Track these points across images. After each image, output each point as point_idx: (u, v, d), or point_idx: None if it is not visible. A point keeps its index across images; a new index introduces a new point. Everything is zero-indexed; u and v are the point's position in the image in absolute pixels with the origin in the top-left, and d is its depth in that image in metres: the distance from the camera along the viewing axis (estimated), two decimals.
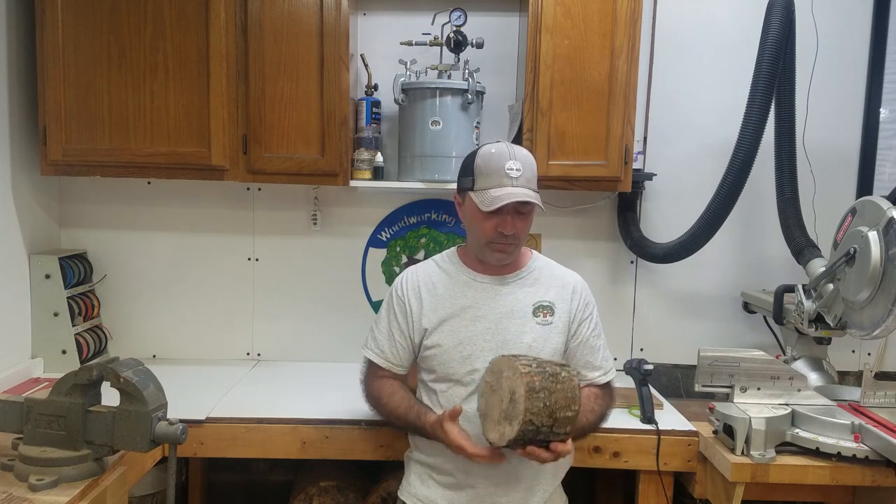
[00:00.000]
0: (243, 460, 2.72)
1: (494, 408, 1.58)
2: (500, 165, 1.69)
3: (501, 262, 1.79)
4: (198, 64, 2.32)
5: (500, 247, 1.74)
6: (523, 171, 1.69)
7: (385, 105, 2.60)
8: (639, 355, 2.74)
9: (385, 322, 1.86)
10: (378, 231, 2.76)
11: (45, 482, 1.43)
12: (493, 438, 1.57)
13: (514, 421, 1.51)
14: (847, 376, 2.70)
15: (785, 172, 2.42)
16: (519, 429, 1.49)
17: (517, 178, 1.68)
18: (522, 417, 1.49)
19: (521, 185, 1.68)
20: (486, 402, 1.62)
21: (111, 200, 2.71)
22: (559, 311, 1.80)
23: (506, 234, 1.71)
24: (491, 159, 1.71)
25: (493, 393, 1.60)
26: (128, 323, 2.74)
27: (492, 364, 1.64)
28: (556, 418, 1.52)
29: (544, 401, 1.50)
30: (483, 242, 1.76)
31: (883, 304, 1.89)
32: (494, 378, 1.61)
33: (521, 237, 1.75)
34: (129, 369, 1.50)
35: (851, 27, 2.66)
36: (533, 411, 1.49)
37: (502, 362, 1.60)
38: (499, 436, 1.55)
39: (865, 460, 1.88)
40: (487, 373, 1.64)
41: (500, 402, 1.56)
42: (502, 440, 1.53)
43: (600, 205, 2.73)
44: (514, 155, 1.71)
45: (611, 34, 2.33)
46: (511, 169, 1.68)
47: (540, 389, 1.50)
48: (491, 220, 1.71)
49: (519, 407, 1.50)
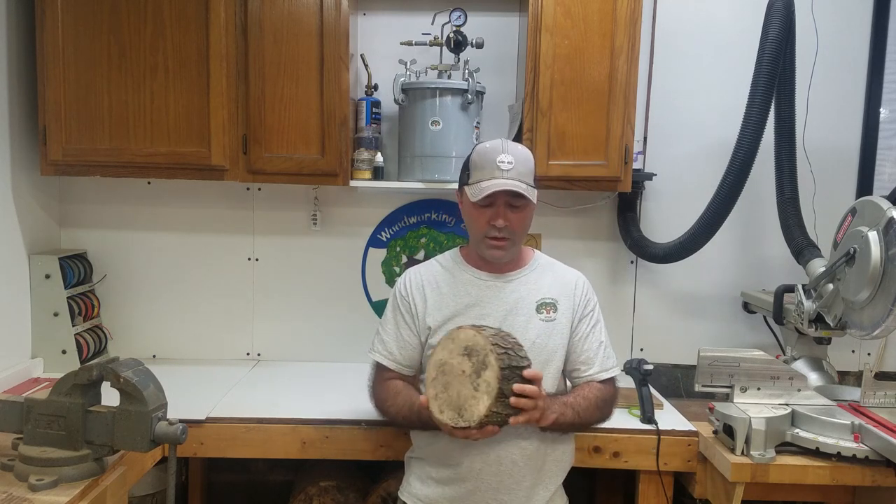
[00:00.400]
0: (243, 460, 2.73)
1: (461, 387, 1.56)
2: (492, 158, 1.71)
3: (497, 259, 1.79)
4: (198, 64, 2.32)
5: (495, 242, 1.75)
6: (515, 165, 1.71)
7: (385, 105, 2.60)
8: (639, 355, 2.74)
9: (392, 323, 1.86)
10: (378, 231, 2.76)
11: (45, 482, 1.43)
12: (484, 404, 1.53)
13: (486, 359, 1.53)
14: (847, 376, 2.70)
15: (785, 172, 2.42)
16: (495, 357, 1.51)
17: (508, 170, 1.70)
18: (488, 345, 1.52)
19: (511, 177, 1.70)
20: (450, 399, 1.58)
21: (111, 200, 2.71)
22: (562, 308, 1.80)
23: (498, 227, 1.72)
24: (485, 153, 1.74)
25: (449, 385, 1.58)
26: (128, 323, 2.75)
27: (428, 372, 1.63)
28: (510, 345, 1.56)
29: (490, 337, 1.55)
30: (479, 237, 1.77)
31: (883, 304, 1.89)
32: (439, 376, 1.60)
33: (516, 232, 1.76)
34: (129, 369, 1.50)
35: (851, 27, 2.66)
36: (493, 343, 1.53)
37: (433, 359, 1.62)
38: (486, 394, 1.52)
39: (865, 460, 1.88)
40: (430, 384, 1.62)
41: (461, 374, 1.56)
42: (491, 388, 1.52)
43: (600, 205, 2.73)
44: (507, 149, 1.73)
45: (611, 34, 2.33)
46: (502, 162, 1.70)
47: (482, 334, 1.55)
48: (483, 213, 1.73)
49: (478, 341, 1.54)
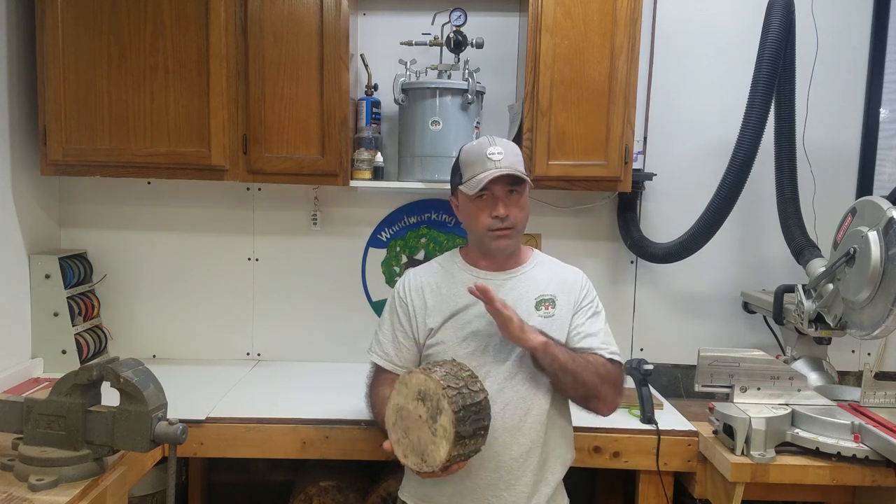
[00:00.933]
0: (243, 460, 2.73)
1: (420, 431, 1.53)
2: (482, 153, 1.73)
3: (504, 250, 1.79)
4: (198, 64, 2.32)
5: (499, 233, 1.75)
6: (506, 155, 1.72)
7: (385, 105, 2.60)
8: (639, 355, 2.74)
9: (388, 325, 1.86)
10: (378, 231, 2.76)
11: (45, 482, 1.43)
12: (443, 450, 1.49)
13: (440, 403, 1.49)
14: (847, 376, 2.70)
15: (785, 172, 2.42)
16: (448, 402, 1.48)
17: (500, 160, 1.71)
18: (440, 390, 1.49)
19: (505, 166, 1.71)
20: (412, 445, 1.56)
21: (111, 200, 2.71)
22: (561, 304, 1.80)
23: (501, 218, 1.73)
24: (473, 150, 1.76)
25: (408, 431, 1.56)
26: (128, 323, 2.75)
27: (388, 416, 1.61)
28: (463, 382, 1.53)
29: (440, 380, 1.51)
30: (482, 233, 1.77)
31: (883, 304, 1.89)
32: (398, 421, 1.58)
33: (517, 221, 1.76)
34: (129, 369, 1.50)
35: (851, 27, 2.66)
36: (444, 385, 1.50)
37: (389, 404, 1.60)
38: (445, 439, 1.49)
39: (865, 460, 1.88)
40: (391, 428, 1.60)
41: (418, 419, 1.54)
42: (448, 433, 1.48)
43: (600, 205, 2.73)
44: (494, 142, 1.75)
45: (611, 34, 2.33)
46: (493, 154, 1.72)
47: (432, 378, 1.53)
48: (484, 206, 1.74)
49: (430, 385, 1.51)
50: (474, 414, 1.52)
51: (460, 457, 1.53)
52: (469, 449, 1.54)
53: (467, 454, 1.55)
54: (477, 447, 1.56)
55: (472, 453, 1.56)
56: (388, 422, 1.61)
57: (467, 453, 1.54)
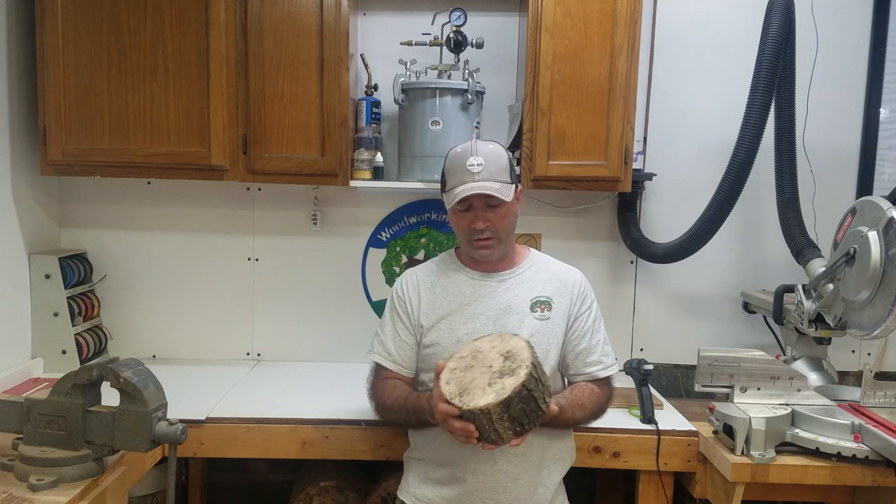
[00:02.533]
0: (243, 460, 2.72)
1: (479, 377, 1.54)
2: (461, 163, 1.73)
3: (487, 258, 1.80)
4: (198, 64, 2.32)
5: (481, 243, 1.76)
6: (486, 166, 1.71)
7: (385, 105, 2.60)
8: (639, 355, 2.75)
9: (389, 324, 1.86)
10: (378, 231, 2.76)
11: (45, 482, 1.43)
12: (487, 400, 1.48)
13: (517, 370, 1.50)
14: (847, 376, 2.69)
15: (785, 172, 2.42)
16: (526, 373, 1.48)
17: (478, 172, 1.70)
18: (529, 362, 1.50)
19: (482, 178, 1.70)
20: (462, 379, 1.55)
21: (111, 200, 2.71)
22: (557, 306, 1.80)
23: (479, 230, 1.73)
24: (455, 158, 1.76)
25: (470, 369, 1.57)
26: (128, 323, 2.75)
27: (462, 349, 1.63)
28: (544, 382, 1.54)
29: (534, 360, 1.53)
30: (465, 240, 1.79)
31: (883, 304, 1.89)
32: (468, 357, 1.59)
33: (498, 231, 1.76)
34: (129, 369, 1.50)
35: (851, 27, 2.66)
36: (534, 364, 1.51)
37: (475, 343, 1.63)
38: (496, 394, 1.48)
39: (865, 460, 1.88)
40: (456, 357, 1.61)
41: (486, 368, 1.55)
42: (504, 392, 1.47)
43: (600, 205, 2.73)
44: (476, 151, 1.73)
45: (610, 34, 2.33)
46: (472, 165, 1.71)
47: (531, 352, 1.55)
48: (464, 217, 1.75)
49: (523, 354, 1.52)
50: (530, 406, 1.51)
51: (484, 417, 1.48)
52: (498, 426, 1.49)
53: (492, 430, 1.50)
54: (501, 434, 1.51)
55: (495, 436, 1.51)
56: (458, 352, 1.61)
57: (494, 428, 1.50)
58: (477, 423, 1.50)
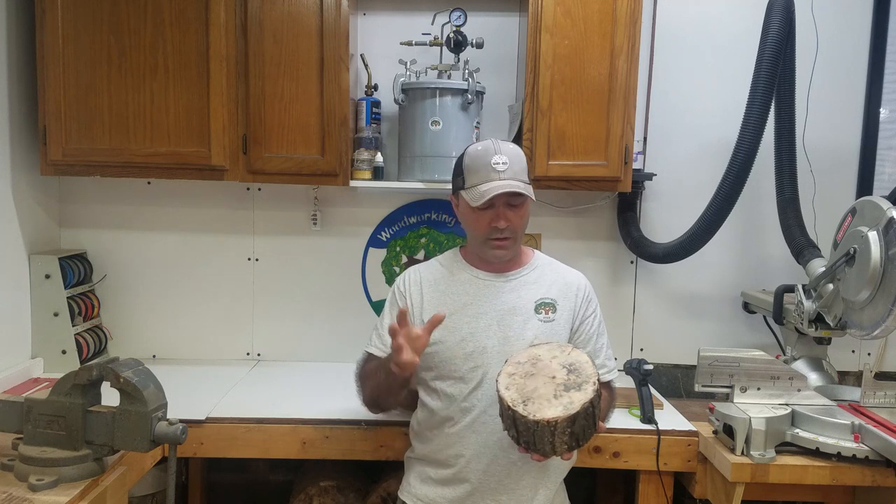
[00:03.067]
0: (243, 460, 2.72)
1: (542, 387, 1.52)
2: (486, 161, 1.71)
3: (501, 258, 1.79)
4: (198, 64, 2.32)
5: (498, 243, 1.75)
6: (510, 164, 1.70)
7: (385, 105, 2.60)
8: (639, 355, 2.75)
9: (389, 318, 1.85)
10: (378, 231, 2.76)
11: (45, 482, 1.43)
12: (555, 413, 1.47)
13: (584, 385, 1.50)
14: (847, 376, 2.69)
15: (785, 172, 2.42)
16: (593, 390, 1.49)
17: (504, 171, 1.69)
18: (594, 379, 1.51)
19: (508, 177, 1.69)
20: (524, 387, 1.54)
21: (111, 200, 2.71)
22: (561, 309, 1.80)
23: (500, 228, 1.72)
24: (478, 156, 1.73)
25: (531, 376, 1.55)
26: (128, 323, 2.75)
27: (519, 353, 1.62)
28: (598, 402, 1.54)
29: (597, 377, 1.55)
30: (480, 240, 1.77)
31: (883, 304, 1.89)
32: (527, 364, 1.58)
33: (517, 231, 1.76)
34: (129, 369, 1.50)
35: (851, 27, 2.66)
36: (598, 376, 1.54)
37: (532, 350, 1.62)
38: (564, 407, 1.47)
39: (865, 460, 1.88)
40: (513, 362, 1.60)
41: (549, 379, 1.53)
42: (572, 407, 1.47)
43: (600, 205, 2.73)
44: (499, 150, 1.72)
45: (610, 34, 2.33)
46: (497, 163, 1.69)
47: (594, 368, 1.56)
48: (484, 215, 1.73)
49: (588, 370, 1.53)
50: (589, 423, 1.50)
51: (546, 430, 1.47)
52: (558, 439, 1.48)
53: (549, 442, 1.49)
54: (556, 447, 1.50)
55: (549, 449, 1.50)
56: (516, 357, 1.60)
57: (552, 441, 1.49)
58: (537, 433, 1.48)
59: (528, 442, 1.50)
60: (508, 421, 1.53)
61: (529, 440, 1.50)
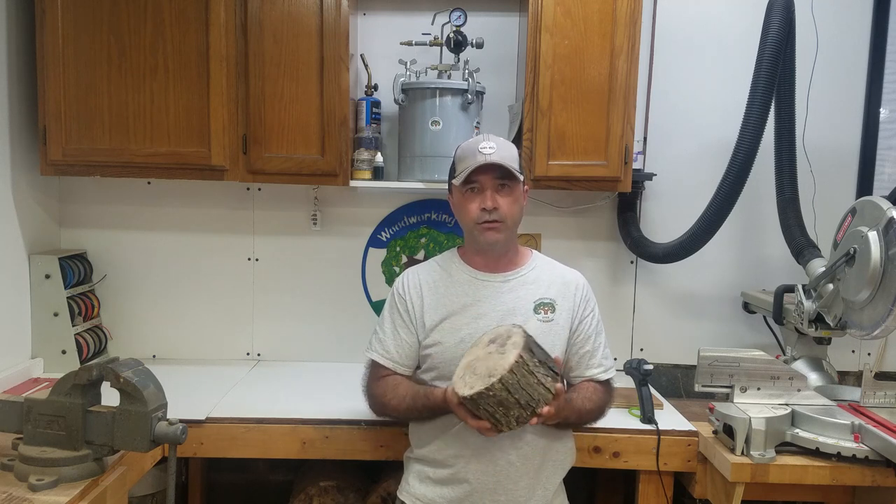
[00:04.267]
0: (243, 460, 2.72)
1: (486, 360, 1.56)
2: (474, 148, 1.74)
3: (493, 244, 1.78)
4: (198, 64, 2.32)
5: (487, 225, 1.74)
6: (497, 149, 1.72)
7: (385, 105, 2.60)
8: (639, 355, 2.75)
9: (389, 322, 1.86)
10: (378, 231, 2.76)
11: (45, 482, 1.43)
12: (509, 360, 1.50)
13: (512, 334, 1.57)
14: (847, 376, 2.70)
15: (785, 173, 2.42)
16: (518, 329, 1.56)
17: (490, 154, 1.71)
18: (510, 325, 1.60)
19: (495, 160, 1.71)
20: (479, 372, 1.56)
21: (111, 200, 2.71)
22: (560, 309, 1.80)
23: (488, 210, 1.72)
24: (468, 146, 1.78)
25: (472, 371, 1.57)
26: (128, 323, 2.75)
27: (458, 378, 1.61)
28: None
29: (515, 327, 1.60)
30: (471, 225, 1.77)
31: (883, 304, 1.89)
32: (469, 371, 1.59)
33: (507, 216, 1.75)
34: (129, 369, 1.50)
35: (851, 27, 2.66)
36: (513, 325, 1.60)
37: (463, 362, 1.64)
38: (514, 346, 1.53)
39: (865, 460, 1.88)
40: (458, 381, 1.60)
41: (486, 355, 1.57)
42: (518, 343, 1.52)
43: (600, 205, 2.73)
44: (488, 138, 1.76)
45: (610, 34, 2.33)
46: (484, 148, 1.72)
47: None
48: (472, 199, 1.75)
49: (501, 330, 1.61)
50: (543, 350, 1.57)
51: (522, 368, 1.49)
52: (537, 372, 1.51)
53: (535, 382, 1.51)
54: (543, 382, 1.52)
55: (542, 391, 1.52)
56: (457, 377, 1.61)
57: (538, 381, 1.51)
58: (513, 386, 1.49)
59: (496, 421, 1.54)
60: (475, 412, 1.57)
61: (489, 418, 1.54)
